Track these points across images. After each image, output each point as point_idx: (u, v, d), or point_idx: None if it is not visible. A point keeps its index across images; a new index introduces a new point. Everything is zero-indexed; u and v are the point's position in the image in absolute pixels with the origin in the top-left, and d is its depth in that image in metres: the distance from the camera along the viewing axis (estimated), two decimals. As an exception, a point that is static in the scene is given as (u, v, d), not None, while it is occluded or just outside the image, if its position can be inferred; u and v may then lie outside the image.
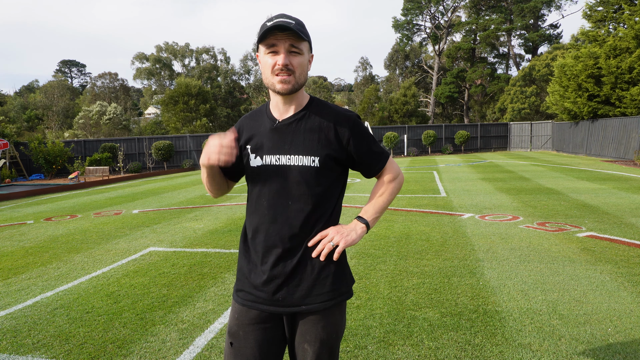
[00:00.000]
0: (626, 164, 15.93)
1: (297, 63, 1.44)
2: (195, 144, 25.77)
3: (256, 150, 1.54)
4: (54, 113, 44.52)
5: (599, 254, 4.73)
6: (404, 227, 6.41)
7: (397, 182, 1.63)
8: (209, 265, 4.88)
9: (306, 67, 1.48)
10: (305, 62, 1.47)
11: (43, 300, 3.98)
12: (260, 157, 1.53)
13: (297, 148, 1.48)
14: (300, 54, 1.44)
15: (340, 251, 1.49)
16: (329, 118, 1.51)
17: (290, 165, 1.48)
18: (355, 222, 1.57)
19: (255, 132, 1.56)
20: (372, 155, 1.57)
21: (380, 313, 3.40)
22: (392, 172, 1.62)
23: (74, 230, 7.31)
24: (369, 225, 1.57)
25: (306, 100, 1.55)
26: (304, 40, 1.44)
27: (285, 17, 1.43)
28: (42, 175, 22.69)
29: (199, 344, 3.03)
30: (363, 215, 1.58)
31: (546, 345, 2.83)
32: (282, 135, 1.51)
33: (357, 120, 1.54)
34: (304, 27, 1.47)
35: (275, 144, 1.50)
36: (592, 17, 21.14)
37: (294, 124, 1.51)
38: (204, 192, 12.01)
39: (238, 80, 46.85)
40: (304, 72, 1.47)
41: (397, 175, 1.63)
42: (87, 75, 73.59)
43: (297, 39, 1.42)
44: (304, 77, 1.47)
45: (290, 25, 1.39)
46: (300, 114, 1.52)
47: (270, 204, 1.50)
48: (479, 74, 39.33)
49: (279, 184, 1.49)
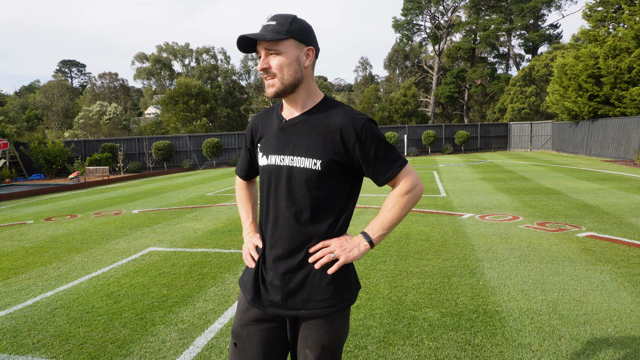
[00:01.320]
0: (626, 164, 15.93)
1: (276, 65, 1.40)
2: (195, 144, 25.76)
3: (263, 149, 1.54)
4: (54, 113, 44.51)
5: (599, 254, 4.73)
6: (404, 227, 6.41)
7: (411, 195, 1.48)
8: (209, 265, 4.88)
9: (293, 66, 1.40)
10: (290, 61, 1.40)
11: (43, 300, 3.98)
12: (266, 157, 1.52)
13: (300, 149, 1.45)
14: (278, 54, 1.39)
15: (339, 266, 1.45)
16: (337, 120, 1.43)
17: (292, 166, 1.46)
18: (359, 238, 1.49)
19: (265, 130, 1.57)
20: (380, 163, 1.45)
21: (380, 313, 3.40)
22: (405, 183, 1.48)
23: (74, 230, 7.31)
24: (373, 244, 1.48)
25: (317, 100, 1.50)
26: (282, 40, 1.38)
27: (271, 18, 1.43)
28: (42, 175, 22.69)
29: (199, 344, 3.03)
30: (368, 232, 1.49)
31: (546, 345, 2.83)
32: (287, 135, 1.48)
33: (367, 123, 1.43)
34: (285, 25, 1.39)
35: (280, 144, 1.49)
36: (592, 17, 21.13)
37: (300, 125, 1.48)
38: (204, 192, 12.01)
39: (238, 80, 46.83)
40: (289, 72, 1.40)
41: (412, 188, 1.48)
42: (87, 75, 73.58)
43: (269, 42, 1.38)
44: (291, 77, 1.41)
45: (255, 34, 1.39)
46: (307, 115, 1.48)
47: (273, 205, 1.50)
48: (479, 74, 39.32)
49: (281, 185, 1.48)
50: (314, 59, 1.47)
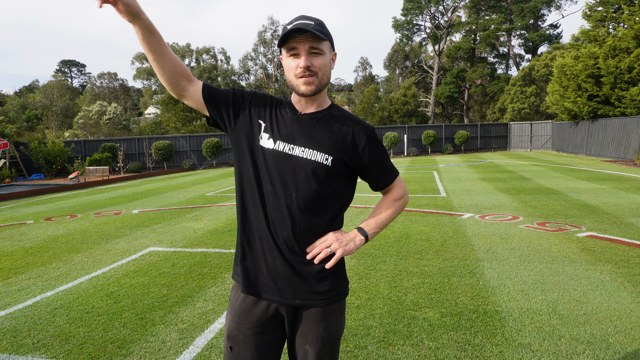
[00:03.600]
0: (626, 164, 15.94)
1: (319, 64, 1.43)
2: (194, 144, 25.76)
3: (270, 131, 1.51)
4: (54, 113, 44.52)
5: (599, 254, 4.73)
6: (404, 227, 6.41)
7: (402, 201, 1.64)
8: (209, 265, 4.88)
9: (329, 67, 1.47)
10: (328, 62, 1.46)
11: (43, 300, 3.98)
12: (273, 140, 1.49)
13: (312, 142, 1.48)
14: (321, 55, 1.43)
15: (336, 259, 1.48)
16: (349, 123, 1.52)
17: (302, 157, 1.46)
18: (355, 233, 1.56)
19: (273, 113, 1.54)
20: (382, 169, 1.58)
21: (380, 313, 3.40)
22: (399, 190, 1.63)
23: (74, 230, 7.31)
24: (367, 238, 1.57)
25: (328, 103, 1.57)
26: (324, 40, 1.43)
27: (305, 18, 1.43)
28: (42, 175, 22.69)
29: (199, 344, 3.03)
30: (364, 227, 1.58)
31: (546, 345, 2.83)
32: (301, 126, 1.50)
33: (374, 132, 1.56)
34: (324, 27, 1.46)
35: (292, 133, 1.49)
36: (592, 17, 21.13)
37: (315, 120, 1.51)
38: (204, 192, 12.01)
39: (238, 80, 46.84)
40: (326, 73, 1.46)
41: (403, 195, 1.64)
42: (87, 75, 73.57)
43: (316, 40, 1.41)
44: (327, 77, 1.47)
45: (308, 27, 1.38)
46: (322, 113, 1.53)
47: (272, 191, 1.47)
48: (479, 74, 39.33)
49: (286, 174, 1.46)
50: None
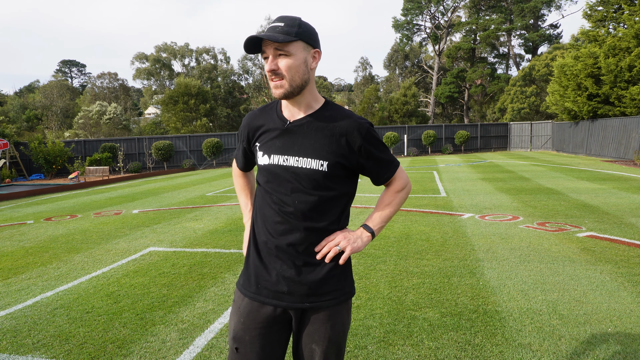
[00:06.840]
0: (626, 164, 15.94)
1: (285, 66, 1.40)
2: (195, 144, 25.75)
3: (265, 149, 1.53)
4: (54, 113, 44.51)
5: (599, 254, 4.73)
6: (404, 227, 6.41)
7: (405, 192, 1.64)
8: (209, 265, 4.88)
9: (301, 68, 1.42)
10: (298, 63, 1.41)
11: (43, 300, 3.98)
12: (268, 156, 1.52)
13: (306, 150, 1.47)
14: (288, 56, 1.40)
15: (346, 257, 1.50)
16: (342, 123, 1.48)
17: (297, 167, 1.47)
18: (361, 230, 1.58)
19: (265, 129, 1.55)
20: (382, 164, 1.56)
21: (380, 313, 3.40)
22: (400, 181, 1.62)
23: (74, 230, 7.31)
24: (374, 234, 1.58)
25: (319, 103, 1.53)
26: (292, 41, 1.39)
27: (278, 20, 1.42)
28: (42, 175, 22.69)
29: (199, 344, 3.03)
30: (369, 224, 1.59)
31: (546, 345, 2.83)
32: (292, 136, 1.49)
33: (370, 128, 1.51)
34: (294, 27, 1.40)
35: (284, 145, 1.49)
36: (592, 17, 21.13)
37: (305, 126, 1.49)
38: (204, 192, 12.01)
39: (238, 80, 46.83)
40: (298, 74, 1.41)
41: (405, 185, 1.63)
42: (87, 75, 73.56)
43: (281, 42, 1.38)
44: (299, 79, 1.42)
45: (274, 30, 1.38)
46: (312, 116, 1.49)
47: (277, 201, 1.50)
48: (479, 74, 39.32)
49: (286, 185, 1.48)
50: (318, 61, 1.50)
